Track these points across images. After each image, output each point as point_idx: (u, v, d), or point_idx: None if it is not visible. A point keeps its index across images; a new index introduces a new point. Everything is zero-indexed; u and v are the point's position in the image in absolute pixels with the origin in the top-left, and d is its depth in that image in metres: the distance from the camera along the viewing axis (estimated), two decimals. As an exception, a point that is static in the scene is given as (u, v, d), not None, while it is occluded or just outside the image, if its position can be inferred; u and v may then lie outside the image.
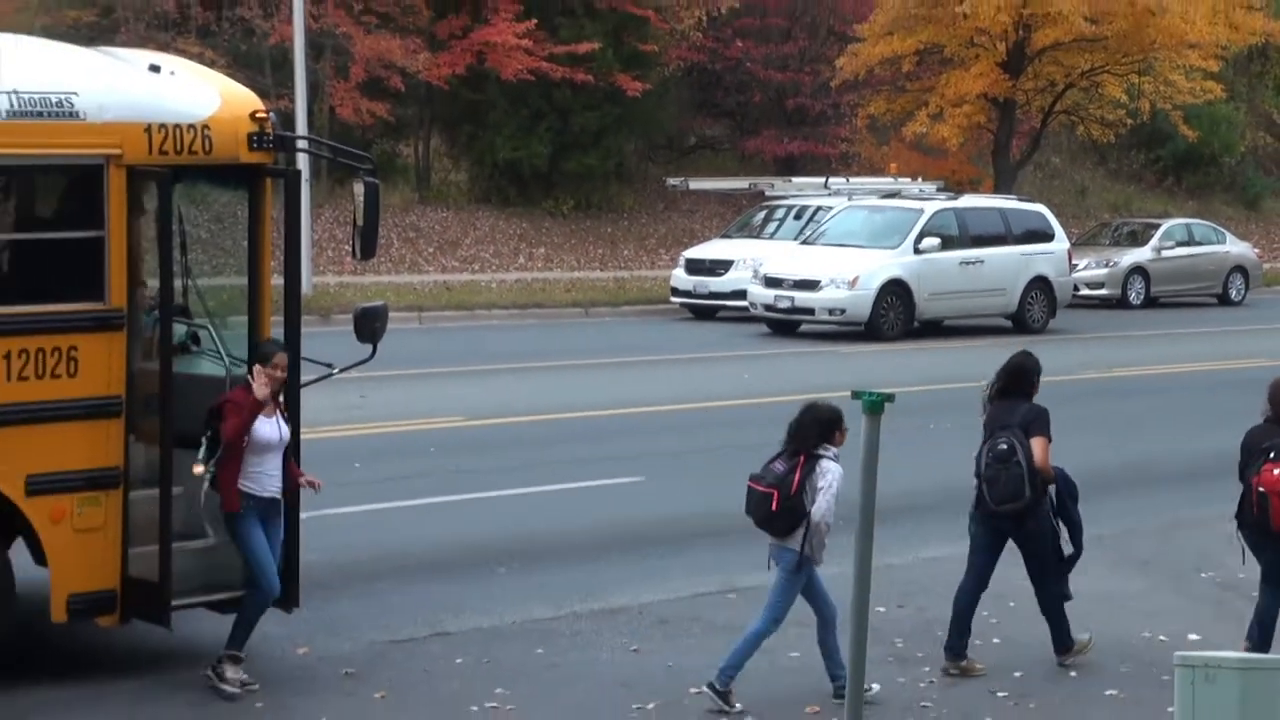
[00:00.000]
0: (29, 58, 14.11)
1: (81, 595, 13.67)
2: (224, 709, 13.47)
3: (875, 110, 58.08)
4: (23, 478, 13.29)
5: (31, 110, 13.20)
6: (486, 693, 13.66)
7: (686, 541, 18.65)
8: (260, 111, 14.41)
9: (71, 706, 13.41)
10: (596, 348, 36.86)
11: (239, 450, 13.08)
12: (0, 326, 13.18)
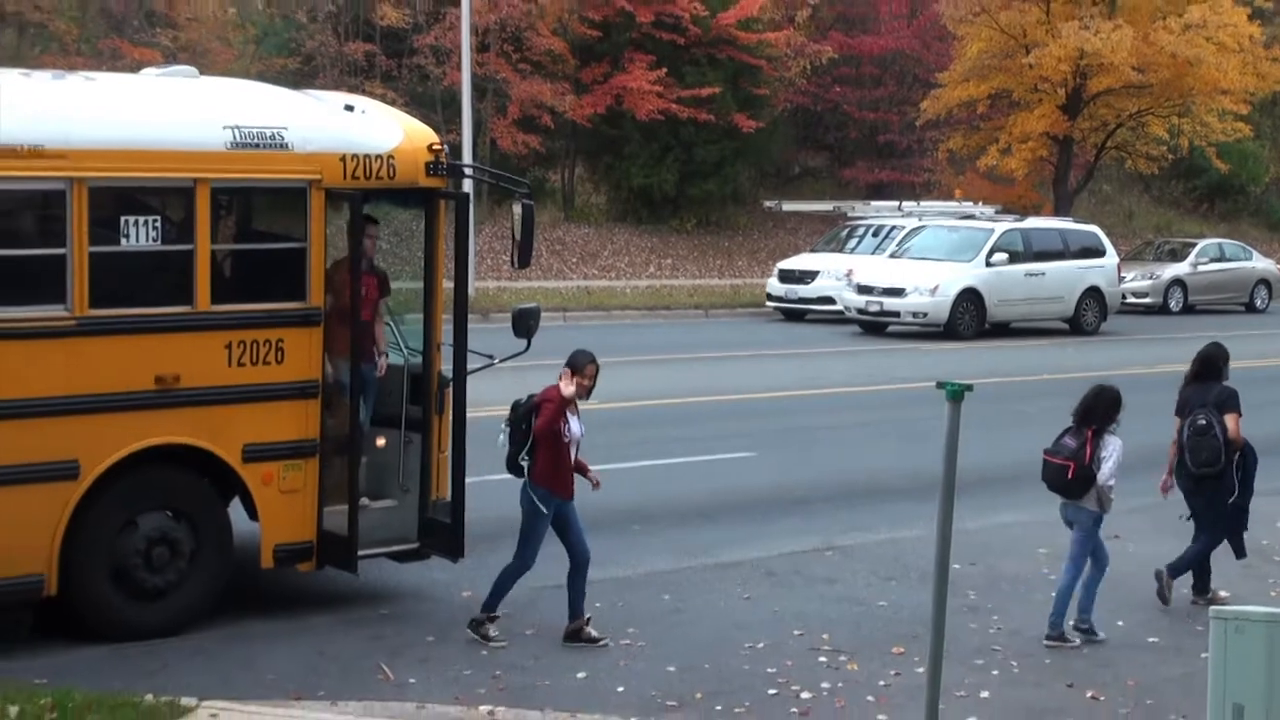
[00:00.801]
0: (248, 98, 14.45)
1: (285, 545, 13.95)
2: (396, 640, 13.68)
3: (953, 145, 57.82)
4: (240, 447, 13.56)
5: (250, 142, 13.48)
6: (621, 631, 13.79)
7: (790, 507, 18.66)
8: (436, 144, 14.59)
9: (275, 637, 13.66)
10: (713, 343, 36.82)
11: (556, 443, 13.17)
12: (223, 322, 13.42)
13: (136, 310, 13.14)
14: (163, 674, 12.27)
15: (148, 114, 13.62)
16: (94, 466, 12.94)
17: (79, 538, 12.97)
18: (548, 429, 13.08)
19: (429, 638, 13.76)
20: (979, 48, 53.70)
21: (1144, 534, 17.68)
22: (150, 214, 13.21)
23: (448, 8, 47.40)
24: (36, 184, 12.73)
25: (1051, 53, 51.48)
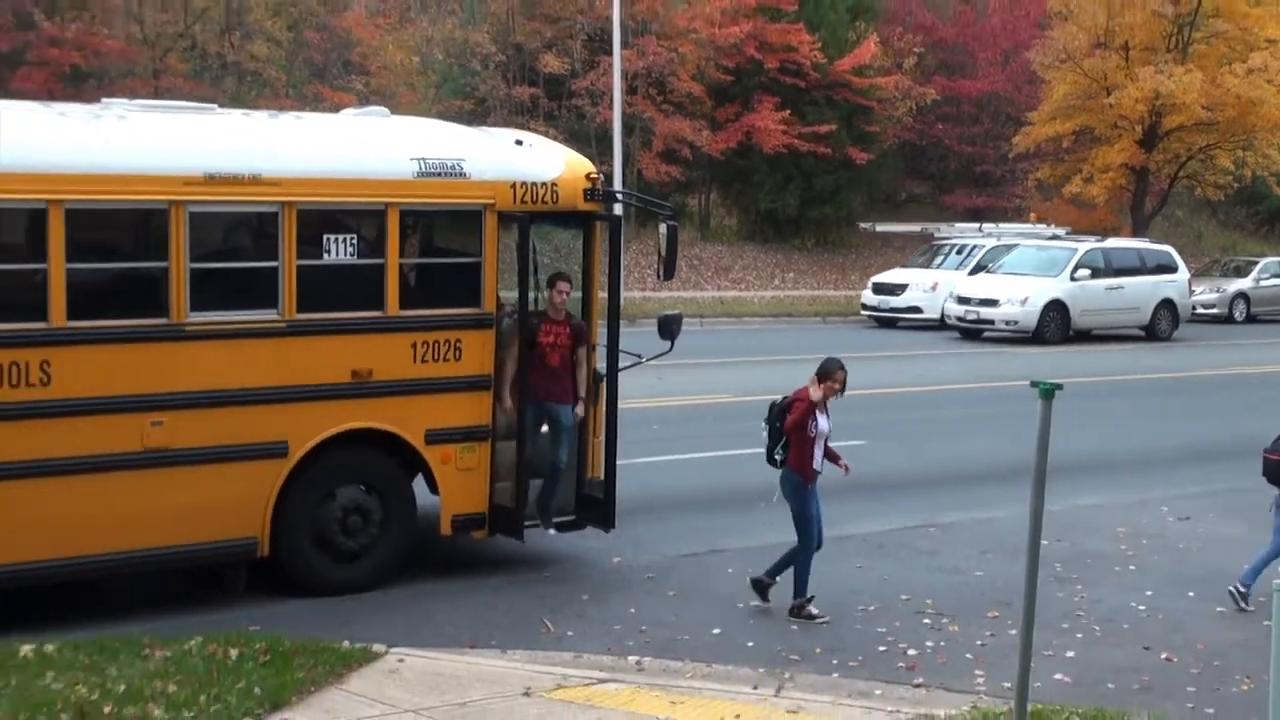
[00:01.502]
0: (432, 134, 14.61)
1: (461, 516, 14.09)
2: (556, 599, 13.78)
3: (1042, 174, 57.35)
4: (423, 431, 13.73)
5: (434, 171, 13.65)
6: (750, 594, 13.76)
7: (898, 489, 18.57)
8: (593, 173, 14.68)
9: (452, 595, 13.81)
10: (830, 346, 36.21)
11: (803, 438, 13.10)
12: (409, 324, 13.58)
13: (336, 314, 13.34)
14: (356, 624, 12.44)
15: (347, 148, 13.83)
16: (300, 446, 13.17)
17: (287, 507, 13.20)
18: (795, 426, 13.08)
19: (584, 596, 13.87)
20: (1065, 90, 53.31)
21: (1214, 516, 17.50)
22: (348, 233, 13.40)
23: (601, 56, 47.58)
24: (255, 207, 12.98)
25: (1130, 94, 51.05)
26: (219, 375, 12.79)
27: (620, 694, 10.82)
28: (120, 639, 11.29)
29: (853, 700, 10.95)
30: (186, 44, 46.39)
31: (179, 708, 9.74)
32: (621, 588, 14.22)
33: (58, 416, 12.11)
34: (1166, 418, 26.19)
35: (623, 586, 14.25)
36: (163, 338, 12.55)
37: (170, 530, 12.69)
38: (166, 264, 12.47)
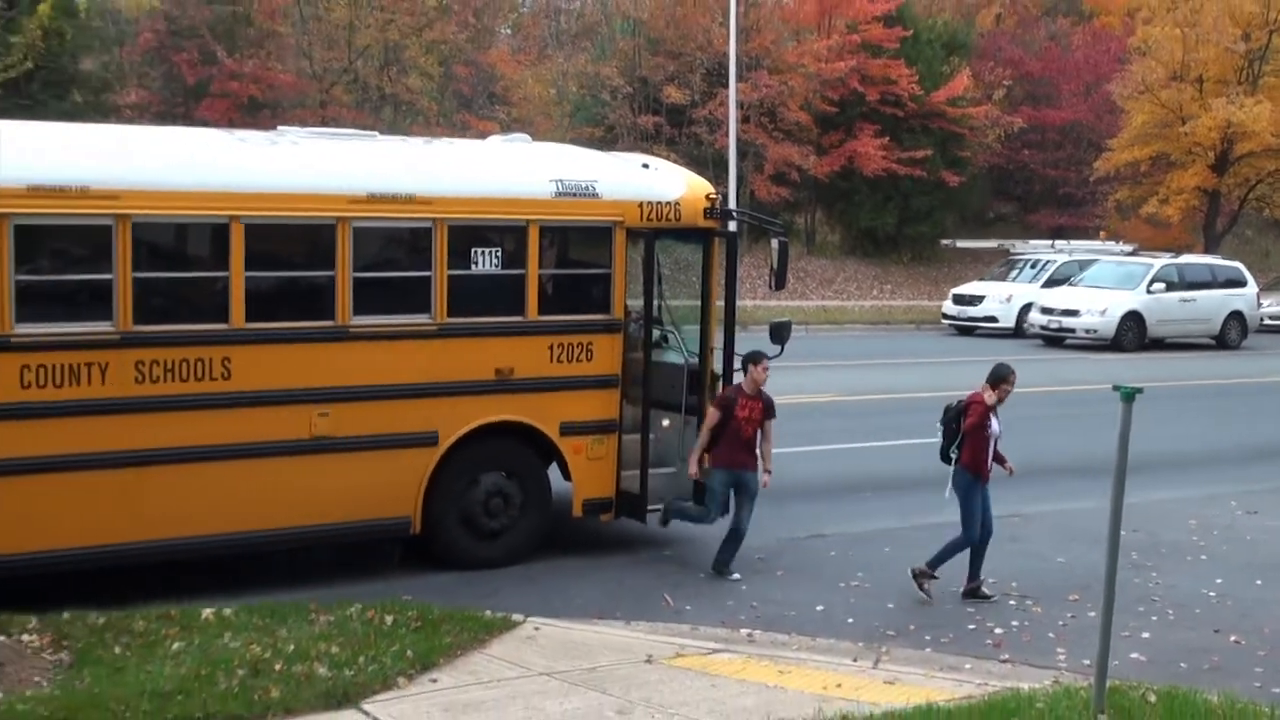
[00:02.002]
0: (568, 158, 14.68)
1: (591, 500, 14.18)
2: (675, 576, 13.78)
3: (1121, 196, 56.66)
4: (558, 424, 13.82)
5: (570, 192, 13.73)
6: (851, 574, 13.79)
7: (988, 482, 18.52)
8: (712, 193, 14.69)
9: (583, 571, 13.88)
10: (924, 351, 36.47)
11: (979, 438, 13.01)
12: (546, 328, 13.66)
13: (482, 319, 13.42)
14: (497, 596, 12.53)
15: (493, 171, 13.95)
16: (449, 436, 13.29)
17: (437, 490, 13.33)
18: (974, 428, 13.02)
19: (701, 575, 13.86)
20: (1143, 119, 52.56)
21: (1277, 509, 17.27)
22: (493, 246, 13.47)
23: (718, 88, 47.56)
24: (411, 223, 13.10)
25: (1203, 123, 50.34)
26: (378, 372, 12.94)
27: (733, 663, 10.79)
28: (289, 605, 11.48)
29: (944, 673, 10.88)
30: (350, 78, 46.89)
31: (340, 667, 9.87)
32: (739, 566, 14.05)
33: (236, 407, 12.32)
34: (1235, 419, 25.80)
35: (736, 566, 14.13)
36: (329, 338, 12.72)
37: (334, 509, 12.86)
38: (333, 273, 12.63)
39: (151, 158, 12.47)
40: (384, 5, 45.99)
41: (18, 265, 11.39)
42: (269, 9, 46.08)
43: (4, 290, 11.33)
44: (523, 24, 54.31)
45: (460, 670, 10.19)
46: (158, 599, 11.58)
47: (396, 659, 10.12)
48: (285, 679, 9.57)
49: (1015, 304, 41.88)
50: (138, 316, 11.87)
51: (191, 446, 12.17)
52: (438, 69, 48.04)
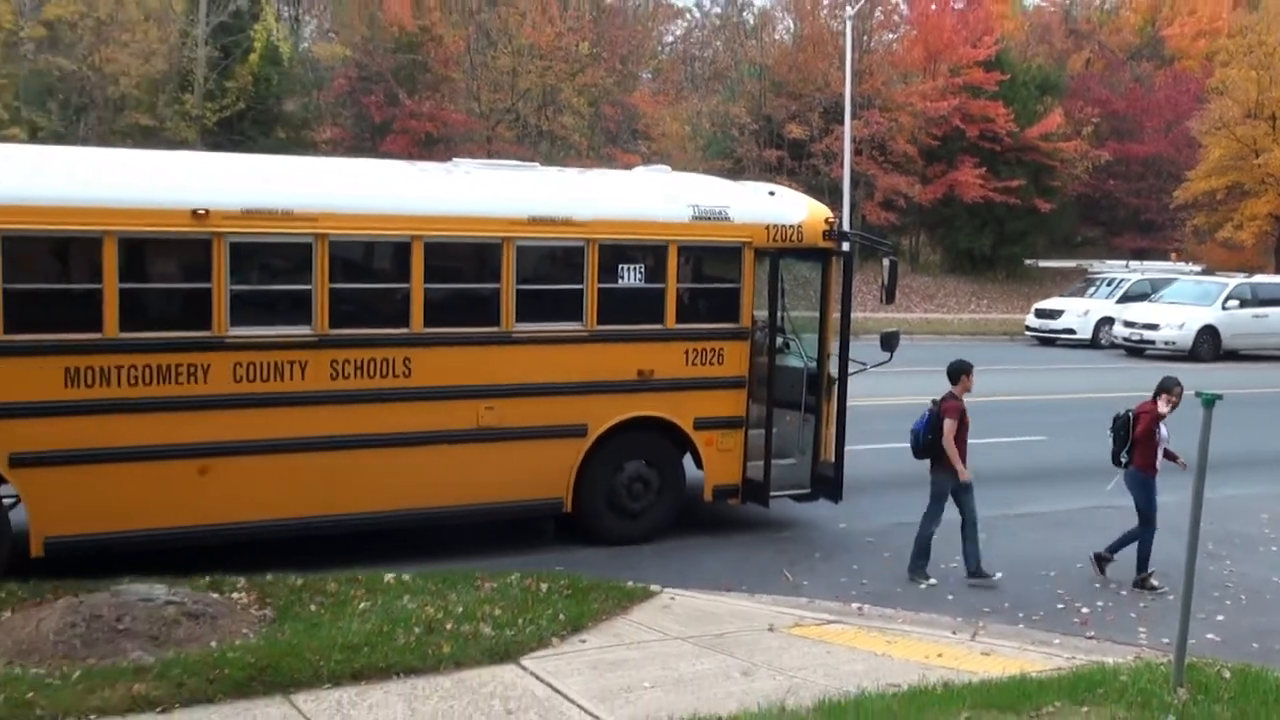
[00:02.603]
0: (703, 186, 14.62)
1: (720, 486, 14.10)
2: (794, 554, 13.61)
3: (1198, 222, 55.45)
4: (692, 419, 13.78)
5: (705, 216, 13.71)
6: (950, 557, 13.32)
7: (1073, 476, 17.96)
8: (830, 217, 14.56)
9: (712, 548, 13.83)
10: (1017, 359, 35.97)
11: (1150, 443, 12.81)
12: (683, 335, 13.64)
13: (626, 326, 13.43)
14: (637, 569, 12.52)
15: (637, 197, 13.93)
16: (597, 428, 13.35)
17: (586, 475, 13.38)
18: (1144, 435, 12.83)
19: (816, 554, 13.77)
20: (1220, 152, 51.48)
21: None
22: (637, 262, 13.49)
23: (834, 125, 47.33)
24: (567, 242, 13.14)
25: (1276, 156, 49.35)
26: (536, 372, 13.02)
27: (845, 633, 10.72)
28: (458, 572, 11.56)
29: (1035, 647, 10.71)
30: (512, 117, 47.38)
31: (502, 627, 9.94)
32: (846, 548, 14.04)
33: (415, 401, 12.50)
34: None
35: (848, 547, 14.07)
36: (494, 342, 12.83)
37: (498, 490, 12.97)
38: (499, 285, 12.75)
39: (345, 185, 12.73)
40: (543, 54, 46.38)
41: (232, 277, 11.66)
42: (444, 58, 46.69)
43: (220, 298, 11.60)
44: (662, 69, 54.43)
45: (606, 633, 10.21)
46: (346, 565, 11.74)
47: (550, 621, 10.17)
48: (455, 636, 9.67)
49: (1091, 318, 41.24)
50: (333, 321, 12.08)
51: (377, 434, 12.37)
52: (588, 109, 48.33)
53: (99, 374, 11.27)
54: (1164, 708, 8.63)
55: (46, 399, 11.14)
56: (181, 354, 11.56)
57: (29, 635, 9.35)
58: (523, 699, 8.77)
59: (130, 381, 11.37)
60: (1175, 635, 9.29)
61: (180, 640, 9.38)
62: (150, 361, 11.45)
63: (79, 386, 11.22)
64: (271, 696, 8.57)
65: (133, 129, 41.85)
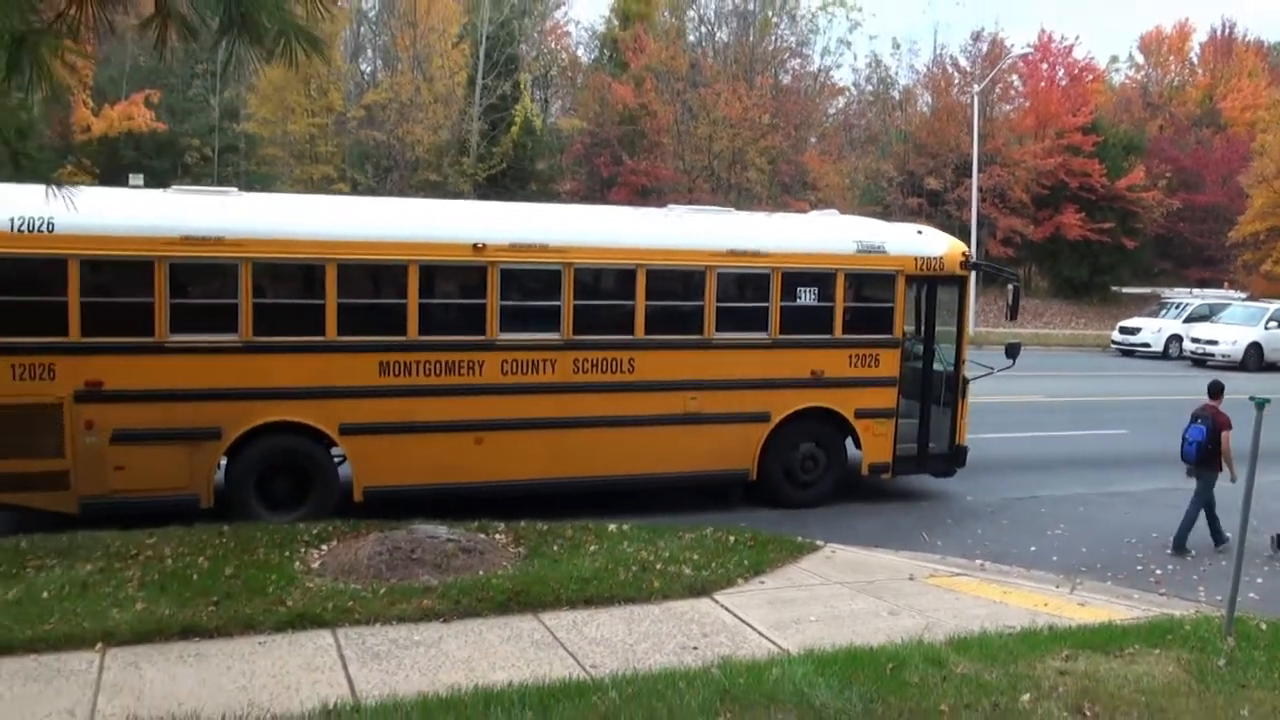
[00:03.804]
0: (865, 226, 14.30)
1: (875, 463, 13.82)
2: (930, 519, 13.22)
3: (1247, 258, 52.54)
4: (854, 410, 13.55)
5: (867, 249, 13.48)
6: (1055, 525, 13.11)
7: (1150, 463, 17.02)
8: (966, 251, 14.14)
9: (865, 514, 13.51)
10: (1104, 367, 34.56)
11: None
12: (848, 344, 13.42)
13: (802, 335, 13.25)
14: (806, 528, 12.22)
15: (812, 234, 13.69)
16: (778, 416, 13.19)
17: (768, 452, 13.25)
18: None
19: (948, 520, 13.34)
20: (1261, 201, 48.82)
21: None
22: (811, 286, 13.27)
23: (964, 178, 46.14)
24: (757, 270, 12.97)
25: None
26: (730, 370, 12.90)
27: (970, 583, 10.40)
28: (664, 525, 11.48)
29: (1119, 600, 10.30)
30: (708, 172, 47.29)
31: (699, 569, 9.83)
32: (972, 515, 13.59)
33: (637, 391, 12.52)
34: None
35: (973, 515, 13.61)
36: (698, 347, 12.76)
37: (699, 462, 12.92)
38: (702, 303, 12.68)
39: (586, 225, 12.84)
40: (733, 124, 46.21)
41: (501, 294, 11.85)
42: (657, 127, 46.89)
43: (493, 311, 11.81)
44: (827, 134, 53.72)
45: (780, 577, 10.06)
46: (578, 517, 11.74)
47: (737, 566, 10.05)
48: (663, 575, 9.62)
49: (1163, 334, 39.46)
50: (576, 329, 12.17)
51: (608, 416, 12.43)
52: (768, 166, 48.00)
53: (404, 366, 11.58)
54: (1216, 652, 8.38)
55: (366, 384, 11.49)
56: (463, 352, 11.80)
57: (349, 559, 9.62)
58: (715, 625, 8.70)
59: (426, 372, 11.65)
60: (1227, 594, 9.00)
61: (457, 569, 9.52)
62: (441, 358, 11.71)
63: (389, 375, 11.55)
64: (524, 614, 8.66)
65: (424, 184, 42.98)
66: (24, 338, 10.49)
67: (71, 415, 10.60)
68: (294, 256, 11.23)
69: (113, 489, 10.80)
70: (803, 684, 7.11)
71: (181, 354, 10.88)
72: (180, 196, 11.58)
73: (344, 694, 7.04)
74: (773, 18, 52.27)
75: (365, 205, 12.92)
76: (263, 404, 11.18)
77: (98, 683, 7.15)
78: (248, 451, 11.26)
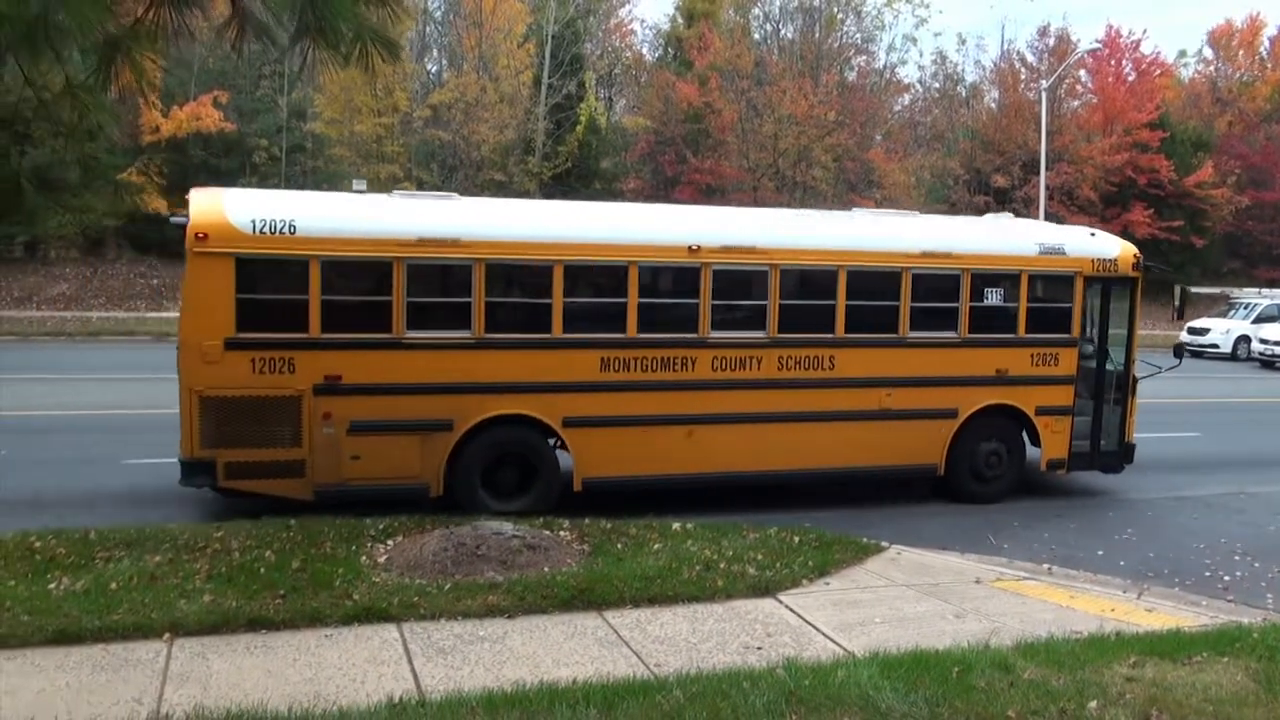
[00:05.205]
0: (1043, 229, 14.76)
1: (1052, 459, 14.11)
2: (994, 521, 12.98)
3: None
4: (1034, 407, 13.83)
5: (1049, 251, 13.87)
6: (1123, 530, 12.86)
7: (1221, 467, 16.90)
8: (1137, 253, 14.43)
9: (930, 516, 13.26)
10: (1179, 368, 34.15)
11: None
12: (1030, 343, 13.70)
13: (988, 335, 13.58)
14: (871, 529, 11.89)
15: (996, 238, 14.01)
16: (965, 413, 13.53)
17: (955, 447, 13.58)
18: None
19: (1015, 523, 13.09)
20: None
21: None
22: (997, 287, 13.59)
23: (1031, 176, 45.87)
24: (948, 271, 13.37)
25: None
26: (922, 368, 13.27)
27: (1037, 587, 10.27)
28: (728, 524, 11.36)
29: (1187, 607, 10.14)
30: (773, 170, 47.18)
31: (764, 568, 9.81)
32: (1038, 518, 13.39)
33: (837, 388, 12.94)
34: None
35: (1039, 517, 13.42)
36: (893, 345, 13.16)
37: (891, 456, 13.31)
38: (897, 303, 13.09)
39: (788, 229, 13.17)
40: (798, 121, 46.08)
41: (713, 294, 12.31)
42: (721, 125, 46.88)
43: (705, 310, 12.30)
44: (892, 131, 53.42)
45: (845, 578, 10.01)
46: (640, 515, 11.62)
47: (801, 566, 9.99)
48: (726, 574, 9.58)
49: (1232, 335, 39.44)
50: (780, 328, 12.62)
51: (810, 411, 12.85)
52: (833, 164, 47.87)
53: (623, 362, 12.10)
54: (1286, 660, 8.20)
55: (587, 379, 12.01)
56: (677, 350, 12.29)
57: (415, 555, 9.70)
58: (779, 625, 8.68)
59: (643, 369, 12.17)
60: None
61: (521, 565, 9.58)
62: (657, 354, 12.22)
63: (609, 371, 12.06)
64: (588, 612, 8.70)
65: (489, 183, 43.29)
66: (266, 333, 11.03)
67: (310, 407, 11.15)
68: (524, 258, 11.77)
69: (347, 477, 11.34)
70: (868, 687, 7.07)
71: (417, 350, 11.44)
72: (407, 201, 12.18)
73: (409, 688, 7.11)
74: (838, 14, 52.00)
75: (583, 210, 13.52)
76: (493, 397, 11.74)
77: (165, 672, 7.27)
78: (476, 443, 11.77)
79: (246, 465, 11.04)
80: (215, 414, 10.89)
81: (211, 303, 10.87)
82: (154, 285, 39.39)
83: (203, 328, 10.88)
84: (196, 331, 10.89)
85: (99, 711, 6.63)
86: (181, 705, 6.72)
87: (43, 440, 15.37)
